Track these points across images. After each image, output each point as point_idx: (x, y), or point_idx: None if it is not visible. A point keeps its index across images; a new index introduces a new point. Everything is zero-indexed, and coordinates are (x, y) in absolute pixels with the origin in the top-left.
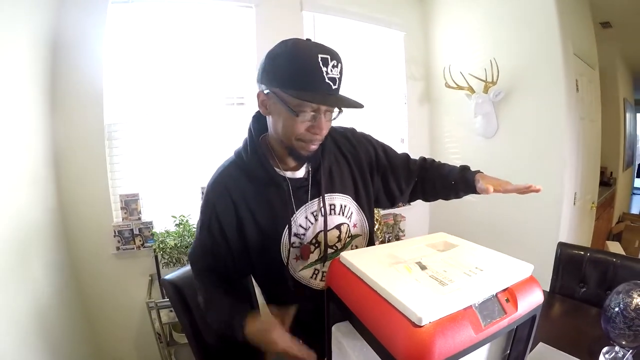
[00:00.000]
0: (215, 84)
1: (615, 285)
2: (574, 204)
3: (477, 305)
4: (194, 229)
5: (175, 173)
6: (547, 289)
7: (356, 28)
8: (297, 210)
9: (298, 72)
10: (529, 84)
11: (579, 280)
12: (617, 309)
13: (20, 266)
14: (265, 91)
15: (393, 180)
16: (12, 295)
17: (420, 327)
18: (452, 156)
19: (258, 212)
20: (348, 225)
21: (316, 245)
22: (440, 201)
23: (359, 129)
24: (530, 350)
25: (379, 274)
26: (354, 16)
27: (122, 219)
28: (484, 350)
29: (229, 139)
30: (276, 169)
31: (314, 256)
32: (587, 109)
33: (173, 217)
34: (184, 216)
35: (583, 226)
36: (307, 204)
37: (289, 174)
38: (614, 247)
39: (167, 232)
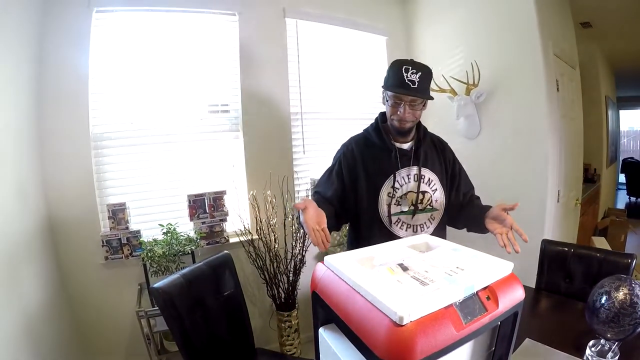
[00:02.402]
0: (199, 92)
1: (599, 280)
2: (558, 201)
3: (458, 303)
4: (182, 237)
5: (161, 181)
6: (533, 286)
7: (339, 33)
8: (400, 169)
9: (389, 77)
10: (510, 85)
11: (564, 275)
12: (601, 303)
13: (9, 279)
14: (382, 90)
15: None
16: (1, 308)
17: (402, 326)
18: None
19: (370, 167)
20: (430, 196)
21: (405, 200)
22: None
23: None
24: (517, 346)
25: (361, 275)
26: (337, 22)
27: (110, 229)
28: (467, 348)
29: (213, 145)
30: (391, 141)
31: (400, 208)
32: (568, 108)
33: (160, 225)
34: (171, 224)
35: (568, 222)
36: (408, 167)
37: (397, 145)
38: (600, 242)
39: (154, 240)
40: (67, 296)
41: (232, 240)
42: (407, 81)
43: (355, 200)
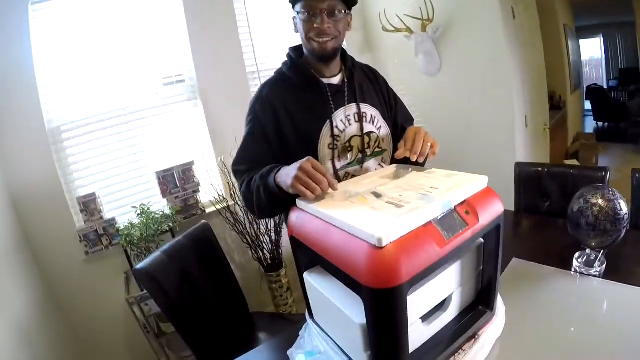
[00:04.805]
0: (151, 66)
1: None
2: (526, 126)
3: (437, 220)
4: (157, 216)
5: (127, 163)
6: (513, 209)
7: None
8: (335, 111)
9: None
10: (465, 16)
11: (541, 195)
12: (581, 212)
13: None
14: (292, 15)
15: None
16: None
17: (382, 248)
18: (401, 99)
19: (298, 115)
20: (377, 135)
21: (349, 149)
22: None
23: None
24: (505, 267)
25: (335, 209)
26: None
27: (85, 222)
28: (456, 269)
29: (173, 118)
30: (317, 76)
31: (346, 159)
32: (527, 36)
33: (133, 207)
34: (144, 205)
35: (539, 148)
36: (345, 106)
37: (325, 80)
38: (573, 164)
39: (131, 224)
40: (56, 299)
41: (208, 210)
42: None
43: (288, 163)
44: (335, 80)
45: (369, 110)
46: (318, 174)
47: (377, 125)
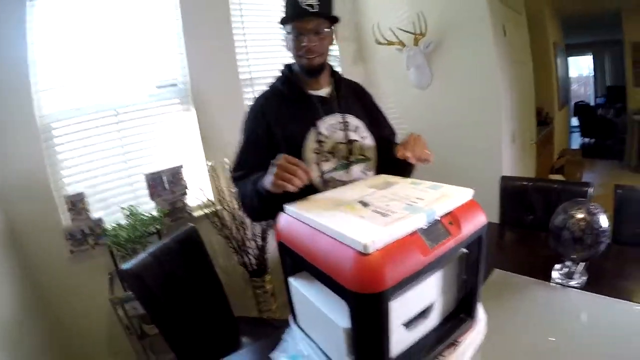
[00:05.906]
0: (145, 69)
1: None
2: (513, 141)
3: (422, 230)
4: (145, 218)
5: (117, 164)
6: (497, 222)
7: None
8: (324, 117)
9: (285, 8)
10: (457, 32)
11: (525, 209)
12: (562, 224)
13: None
14: (283, 35)
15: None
16: None
17: (368, 254)
18: (390, 110)
19: (287, 123)
20: (361, 144)
21: (333, 154)
22: None
23: None
24: (486, 278)
25: (323, 216)
26: None
27: (72, 221)
28: (439, 277)
29: (165, 121)
30: (305, 89)
31: (330, 165)
32: (517, 53)
33: (122, 208)
34: (132, 206)
35: (525, 162)
36: (332, 114)
37: (314, 92)
38: (557, 179)
39: (118, 225)
40: (39, 297)
41: (195, 213)
42: (305, 6)
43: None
44: (323, 92)
45: (352, 120)
46: (291, 166)
47: (361, 135)
